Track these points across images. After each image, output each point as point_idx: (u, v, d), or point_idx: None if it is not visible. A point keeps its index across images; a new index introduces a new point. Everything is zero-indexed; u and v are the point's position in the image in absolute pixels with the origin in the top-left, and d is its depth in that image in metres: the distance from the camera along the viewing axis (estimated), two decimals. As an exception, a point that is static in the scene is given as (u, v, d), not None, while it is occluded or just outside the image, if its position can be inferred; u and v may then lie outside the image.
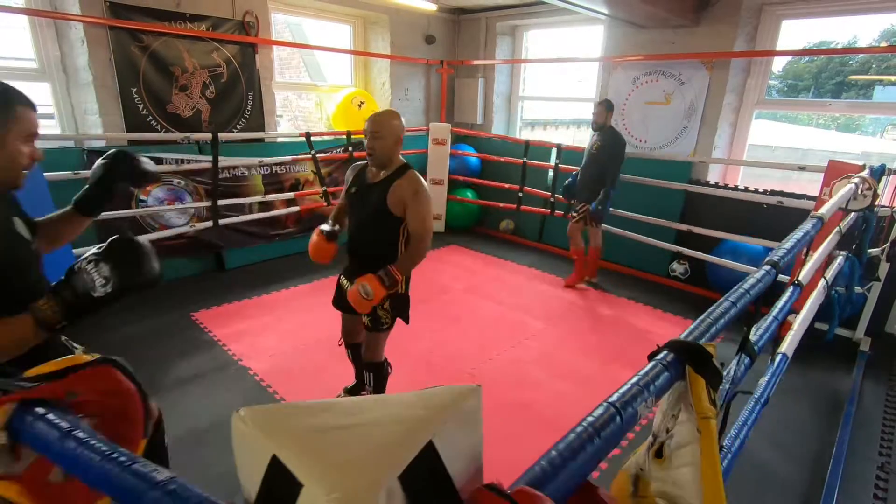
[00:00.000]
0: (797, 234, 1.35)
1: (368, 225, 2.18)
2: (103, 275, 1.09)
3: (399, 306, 2.29)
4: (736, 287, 1.01)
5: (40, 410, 0.66)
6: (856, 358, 3.35)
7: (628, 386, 0.69)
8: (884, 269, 3.35)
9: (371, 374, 2.44)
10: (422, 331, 3.57)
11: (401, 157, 2.22)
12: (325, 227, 2.29)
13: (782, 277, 1.23)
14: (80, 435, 0.61)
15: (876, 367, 3.28)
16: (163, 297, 3.89)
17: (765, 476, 2.31)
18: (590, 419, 0.62)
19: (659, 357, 0.77)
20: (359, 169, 2.29)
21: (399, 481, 0.51)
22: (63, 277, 1.09)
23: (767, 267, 1.13)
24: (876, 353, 3.43)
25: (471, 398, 0.62)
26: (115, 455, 0.58)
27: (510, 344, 3.43)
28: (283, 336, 3.42)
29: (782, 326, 1.55)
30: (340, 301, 2.35)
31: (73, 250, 2.72)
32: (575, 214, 4.33)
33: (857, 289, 2.97)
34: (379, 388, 2.47)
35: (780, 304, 1.43)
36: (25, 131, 1.20)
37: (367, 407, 0.60)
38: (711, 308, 0.93)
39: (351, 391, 2.72)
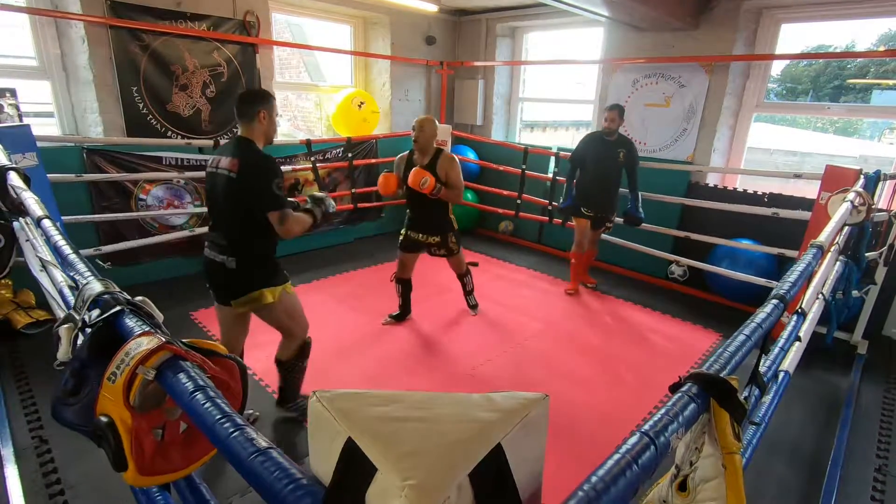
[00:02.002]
0: (800, 267, 1.38)
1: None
2: (330, 203, 2.36)
3: (459, 238, 3.54)
4: (748, 321, 1.05)
5: (186, 364, 0.78)
6: (853, 361, 3.37)
7: (659, 416, 0.69)
8: (881, 272, 3.37)
9: (463, 280, 3.76)
10: (422, 331, 3.57)
11: (434, 145, 3.30)
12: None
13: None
14: (207, 394, 0.71)
15: (873, 370, 3.29)
16: (163, 295, 3.89)
17: (763, 478, 2.32)
18: (626, 447, 0.63)
19: (684, 388, 0.77)
20: (406, 157, 3.35)
21: (469, 478, 0.53)
22: (310, 202, 2.32)
23: (775, 301, 1.17)
24: (873, 355, 3.45)
25: (538, 407, 0.64)
26: (225, 421, 0.66)
27: (510, 345, 3.44)
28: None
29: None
30: (407, 245, 3.48)
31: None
32: (610, 225, 4.26)
33: (855, 292, 2.98)
34: (469, 287, 3.83)
35: (785, 333, 1.45)
36: (276, 111, 2.20)
37: (438, 402, 0.62)
38: (727, 342, 0.96)
39: (396, 318, 3.69)
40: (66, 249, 1.25)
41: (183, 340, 0.82)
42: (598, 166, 4.05)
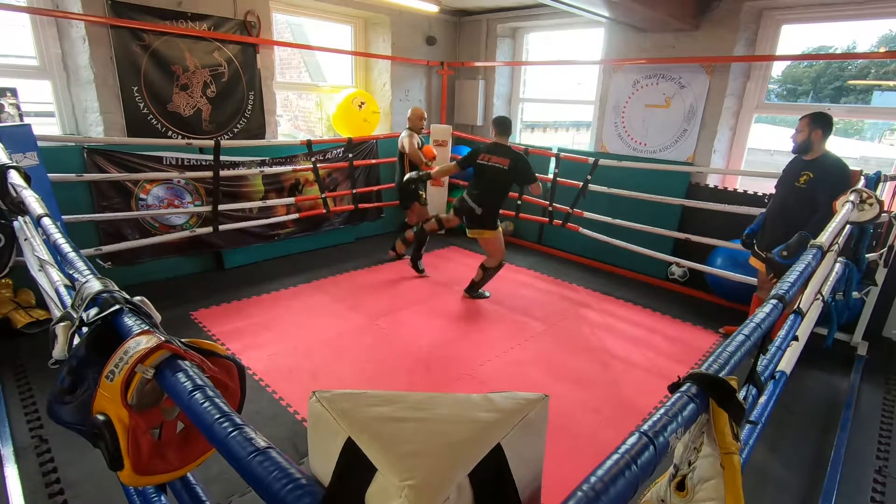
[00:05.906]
0: (800, 267, 1.38)
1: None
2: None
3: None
4: (748, 321, 1.05)
5: (185, 364, 0.77)
6: (853, 362, 3.37)
7: (658, 416, 0.69)
8: (881, 273, 3.36)
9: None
10: (422, 331, 3.57)
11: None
12: None
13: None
14: (206, 394, 0.71)
15: (873, 372, 3.29)
16: (163, 295, 3.89)
17: (763, 479, 2.32)
18: (625, 447, 0.63)
19: (683, 389, 0.77)
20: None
21: (469, 478, 0.53)
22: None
23: (774, 301, 1.16)
24: (873, 357, 3.45)
25: (538, 407, 0.64)
26: (224, 421, 0.65)
27: (510, 345, 3.44)
28: (281, 335, 3.42)
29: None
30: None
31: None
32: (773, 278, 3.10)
33: (855, 294, 2.97)
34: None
35: (782, 333, 1.44)
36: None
37: (437, 402, 0.62)
38: (726, 342, 0.95)
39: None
40: (66, 248, 1.24)
41: (182, 340, 0.82)
42: (777, 191, 3.23)
